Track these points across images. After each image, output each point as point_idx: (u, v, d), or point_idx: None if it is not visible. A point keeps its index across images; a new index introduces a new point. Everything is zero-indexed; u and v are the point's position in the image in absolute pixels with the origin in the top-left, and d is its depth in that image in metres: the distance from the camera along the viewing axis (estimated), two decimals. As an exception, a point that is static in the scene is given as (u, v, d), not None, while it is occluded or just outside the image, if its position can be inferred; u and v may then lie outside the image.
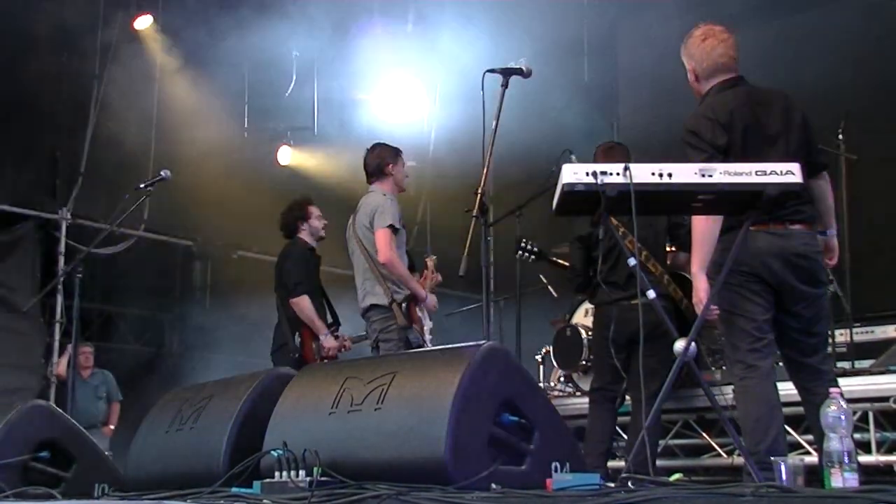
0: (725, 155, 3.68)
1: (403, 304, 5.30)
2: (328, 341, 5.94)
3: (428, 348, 5.19)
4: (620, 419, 5.48)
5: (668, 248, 5.21)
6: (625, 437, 5.54)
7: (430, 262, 5.89)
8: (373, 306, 5.38)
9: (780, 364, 3.94)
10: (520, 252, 5.62)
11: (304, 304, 5.95)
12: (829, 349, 4.30)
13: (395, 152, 5.61)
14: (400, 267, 5.31)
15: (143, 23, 9.07)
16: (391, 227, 5.28)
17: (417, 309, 5.45)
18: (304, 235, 6.22)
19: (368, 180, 5.60)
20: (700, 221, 3.69)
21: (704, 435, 5.37)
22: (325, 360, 5.71)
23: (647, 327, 3.58)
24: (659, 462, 4.62)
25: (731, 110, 3.76)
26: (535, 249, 5.62)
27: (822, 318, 3.83)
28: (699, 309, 3.71)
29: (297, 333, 5.98)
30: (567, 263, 5.45)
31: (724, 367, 5.31)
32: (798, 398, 3.93)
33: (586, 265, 5.12)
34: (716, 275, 3.62)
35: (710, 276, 3.64)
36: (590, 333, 5.85)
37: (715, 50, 3.91)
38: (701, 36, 3.95)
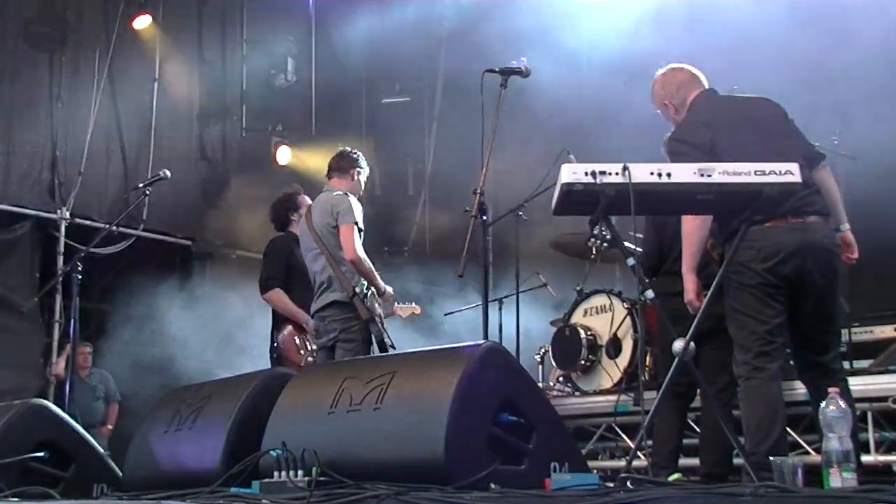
0: (712, 153, 3.66)
1: (365, 298, 5.20)
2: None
3: (426, 348, 5.16)
4: (621, 419, 5.48)
5: None
6: (623, 436, 5.55)
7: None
8: (333, 303, 5.24)
9: (791, 362, 3.92)
10: (592, 239, 5.68)
11: (274, 299, 5.76)
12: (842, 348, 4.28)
13: (359, 160, 5.58)
14: (366, 263, 5.22)
15: (143, 22, 9.07)
16: (356, 224, 5.21)
17: (377, 303, 5.34)
18: (295, 228, 5.88)
19: (329, 175, 5.54)
20: (688, 222, 3.70)
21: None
22: (310, 358, 5.60)
23: (713, 320, 3.70)
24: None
25: (712, 108, 3.83)
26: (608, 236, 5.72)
27: (837, 315, 3.79)
28: (691, 308, 3.73)
29: (276, 331, 5.78)
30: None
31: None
32: (798, 398, 3.92)
33: (657, 251, 4.83)
34: (734, 274, 3.61)
35: (732, 276, 3.61)
36: (589, 333, 5.84)
37: (678, 76, 4.06)
38: (661, 74, 4.11)
